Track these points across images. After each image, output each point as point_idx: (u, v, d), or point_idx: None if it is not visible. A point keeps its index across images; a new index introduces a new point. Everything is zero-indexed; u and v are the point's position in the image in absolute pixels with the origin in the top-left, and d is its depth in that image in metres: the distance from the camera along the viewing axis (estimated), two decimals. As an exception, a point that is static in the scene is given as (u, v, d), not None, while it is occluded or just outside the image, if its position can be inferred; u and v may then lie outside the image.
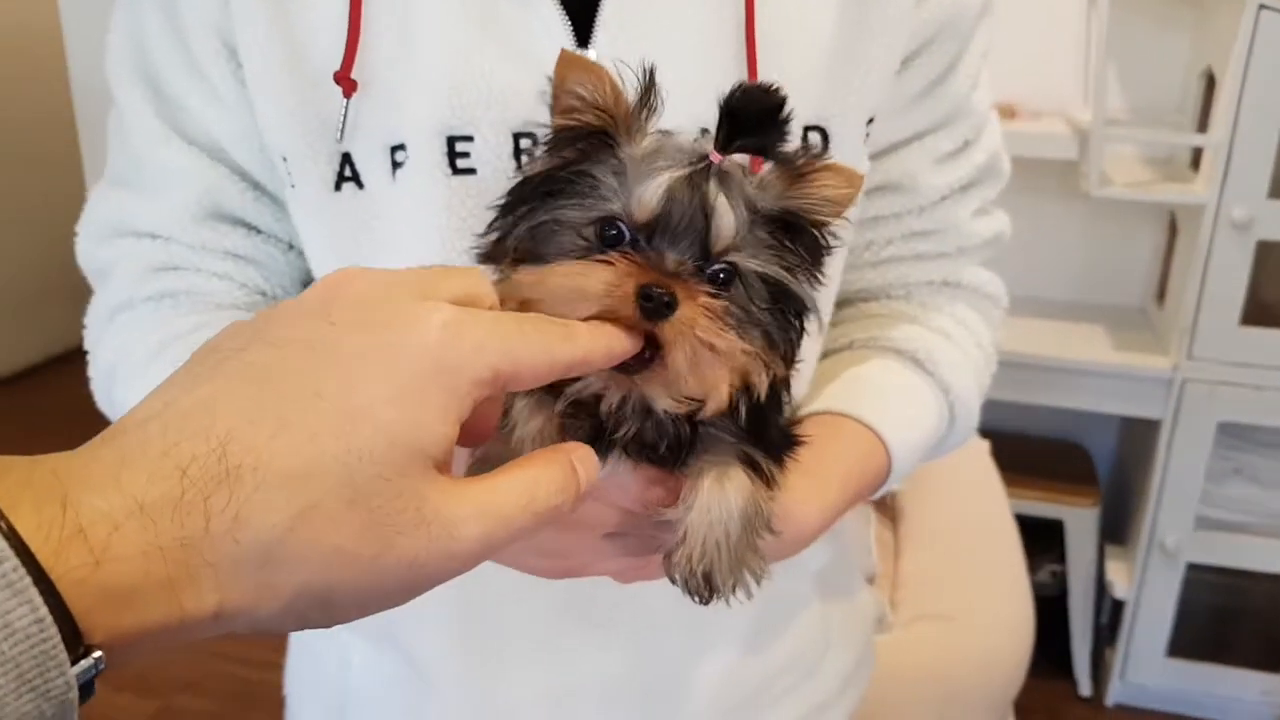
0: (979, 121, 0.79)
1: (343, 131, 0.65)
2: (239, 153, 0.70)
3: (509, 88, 0.63)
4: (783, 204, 0.49)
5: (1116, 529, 2.42)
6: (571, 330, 0.43)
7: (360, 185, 0.67)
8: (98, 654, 0.32)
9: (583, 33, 0.64)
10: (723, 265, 0.48)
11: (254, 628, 0.36)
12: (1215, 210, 1.99)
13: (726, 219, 0.47)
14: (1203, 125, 2.14)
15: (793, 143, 0.49)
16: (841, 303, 0.81)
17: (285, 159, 0.67)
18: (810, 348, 0.74)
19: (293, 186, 0.68)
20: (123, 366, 0.72)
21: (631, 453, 0.52)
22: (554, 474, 0.41)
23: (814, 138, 0.69)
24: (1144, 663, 2.31)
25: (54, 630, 0.31)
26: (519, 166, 0.64)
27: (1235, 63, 1.91)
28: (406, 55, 0.64)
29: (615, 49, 0.64)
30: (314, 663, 0.86)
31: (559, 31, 0.64)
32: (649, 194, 0.47)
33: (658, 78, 0.49)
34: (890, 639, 1.38)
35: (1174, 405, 2.12)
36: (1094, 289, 2.43)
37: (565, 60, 0.50)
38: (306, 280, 0.76)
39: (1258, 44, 1.89)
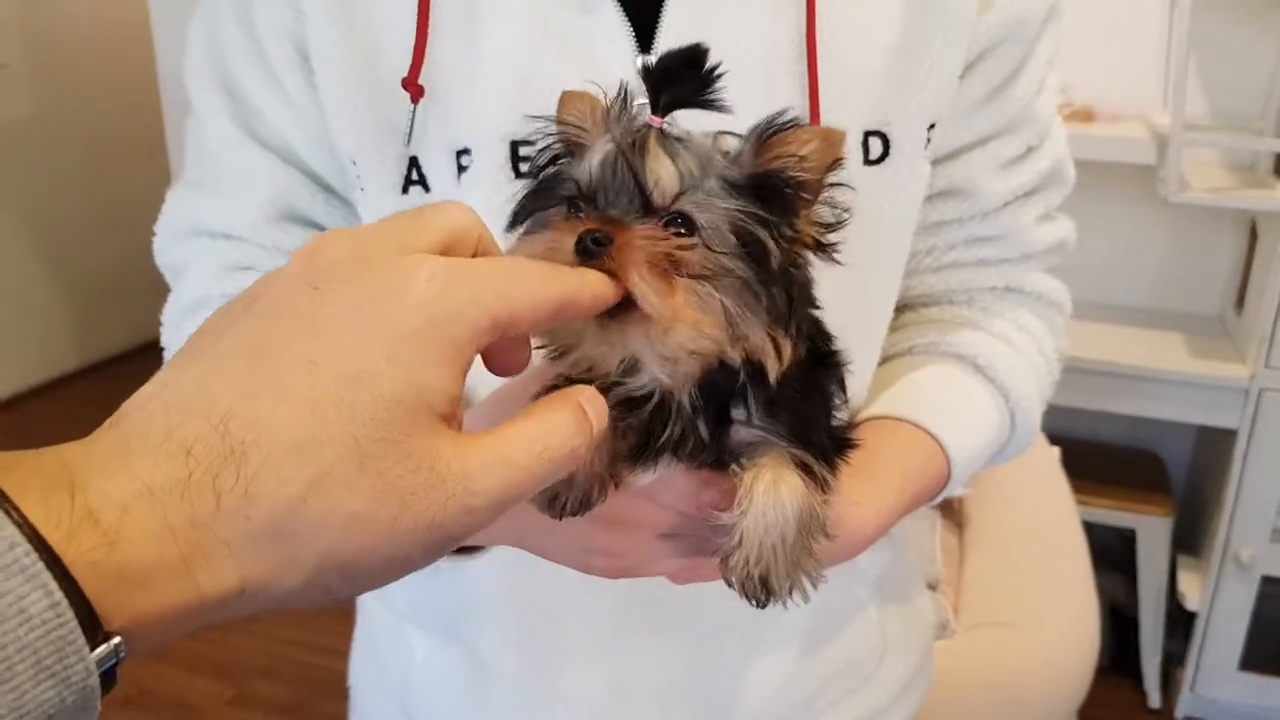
0: (1043, 128, 0.79)
1: (410, 136, 0.67)
2: (310, 156, 0.73)
3: None
4: (753, 170, 0.49)
5: (1189, 539, 2.37)
6: (558, 270, 0.43)
7: (426, 188, 0.69)
8: (116, 639, 0.32)
9: (644, 39, 0.66)
10: (674, 215, 0.48)
11: (280, 602, 0.35)
12: (1298, 216, 1.94)
13: (663, 169, 0.47)
14: (1286, 130, 2.09)
15: (731, 104, 0.48)
16: (902, 307, 0.81)
17: (355, 162, 0.70)
18: (862, 356, 0.74)
19: (362, 190, 0.71)
20: None
21: (681, 456, 0.54)
22: (565, 418, 0.40)
23: (874, 143, 0.69)
24: (1215, 676, 2.26)
25: (70, 615, 0.30)
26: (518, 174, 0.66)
27: (1321, 65, 1.86)
28: (473, 62, 0.66)
29: None
30: (377, 656, 0.89)
31: (621, 38, 0.66)
32: (589, 162, 0.49)
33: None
34: (952, 645, 1.37)
35: (1251, 414, 2.07)
36: (1171, 296, 2.38)
37: (564, 98, 0.52)
38: None
39: (1345, 46, 1.84)
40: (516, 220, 0.53)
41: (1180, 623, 2.34)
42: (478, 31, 0.66)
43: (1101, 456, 2.42)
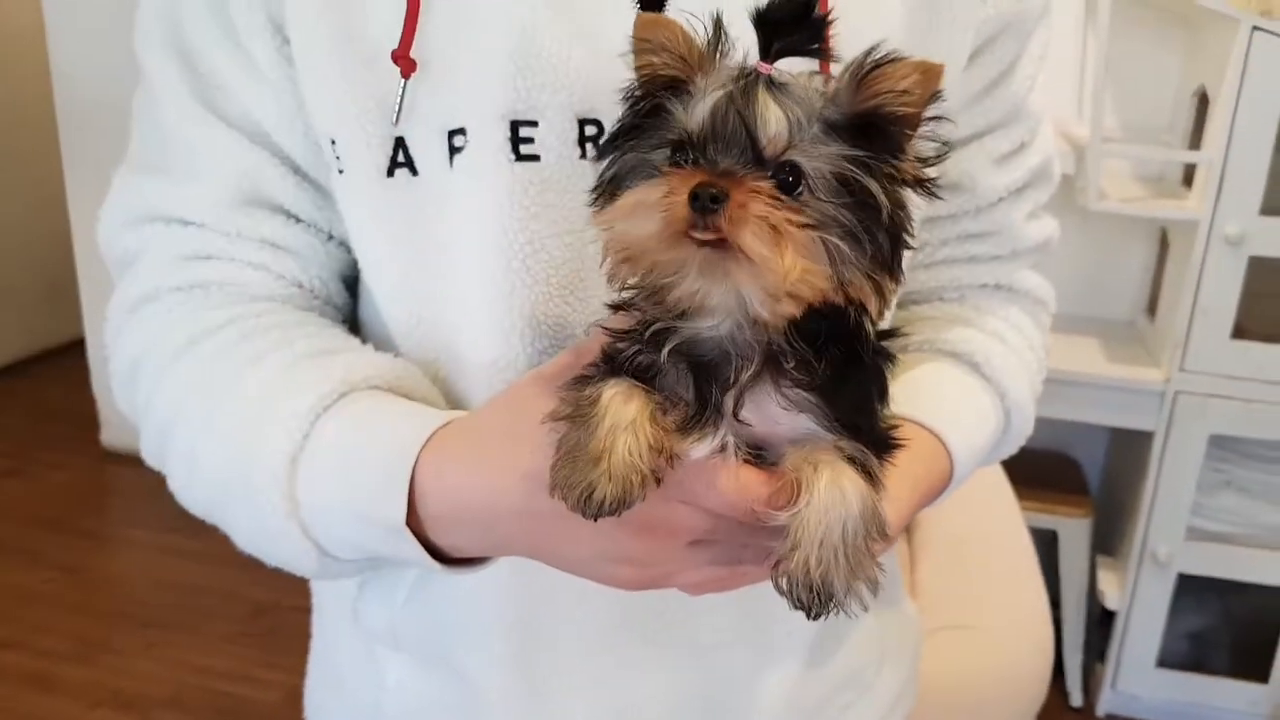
0: (1035, 124, 0.79)
1: (399, 114, 0.63)
2: (281, 135, 0.67)
3: (577, 70, 0.62)
4: (854, 109, 0.48)
5: (1106, 540, 2.44)
6: None
7: (414, 172, 0.64)
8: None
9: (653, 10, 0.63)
10: (783, 165, 0.47)
11: None
12: (1209, 226, 2.02)
13: (773, 118, 0.47)
14: (1194, 143, 2.17)
15: (841, 46, 0.49)
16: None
17: (334, 142, 0.64)
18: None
19: (340, 172, 0.65)
20: (147, 363, 0.68)
21: (733, 438, 0.51)
22: None
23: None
24: (1134, 673, 2.32)
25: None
26: (583, 154, 0.63)
27: (1229, 82, 1.94)
28: (469, 34, 0.62)
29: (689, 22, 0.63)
30: (340, 681, 0.82)
31: (627, 10, 0.62)
32: (699, 110, 0.48)
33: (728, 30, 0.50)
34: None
35: (1166, 417, 2.14)
36: (1085, 302, 2.45)
37: (642, 21, 0.51)
38: (346, 272, 0.73)
39: (1251, 63, 1.92)
40: (612, 153, 0.52)
41: (1101, 621, 2.41)
42: (475, 0, 0.62)
43: (1020, 460, 2.44)
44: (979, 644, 1.39)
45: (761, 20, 0.48)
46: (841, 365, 0.51)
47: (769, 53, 0.48)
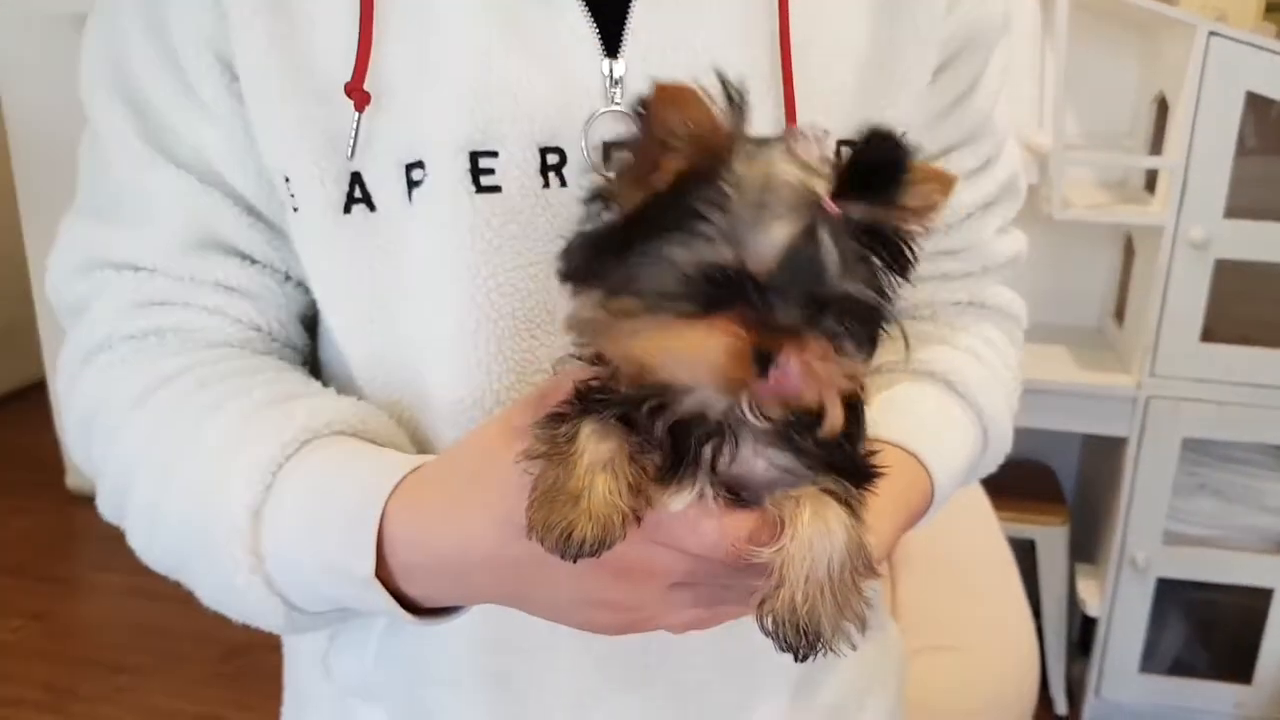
0: (1000, 138, 0.78)
1: (354, 149, 0.61)
2: (233, 175, 0.65)
3: (534, 100, 0.60)
4: (872, 216, 0.47)
5: (1084, 547, 2.44)
6: None
7: (372, 207, 0.62)
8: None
9: (611, 40, 0.62)
10: (828, 304, 0.46)
11: None
12: (1174, 231, 2.03)
13: (834, 269, 0.45)
14: (1155, 148, 2.19)
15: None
16: None
17: (288, 180, 0.63)
18: None
19: (295, 210, 0.63)
20: (103, 415, 0.65)
21: (710, 487, 0.49)
22: None
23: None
24: (1118, 679, 2.32)
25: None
26: (545, 184, 0.61)
27: (1188, 87, 1.96)
28: (424, 64, 0.60)
29: (646, 58, 0.61)
30: None
31: (587, 38, 0.61)
32: (765, 247, 0.44)
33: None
34: (895, 670, 1.35)
35: (1139, 423, 2.15)
36: (1052, 309, 2.46)
37: (662, 96, 0.46)
38: (305, 313, 0.71)
39: (1209, 68, 1.94)
40: (605, 240, 0.48)
41: (1083, 629, 2.41)
42: (430, 31, 0.60)
43: (995, 470, 2.46)
44: (963, 664, 1.38)
45: (852, 168, 0.46)
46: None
47: (843, 196, 0.45)
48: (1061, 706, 2.39)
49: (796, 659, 0.48)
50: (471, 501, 0.54)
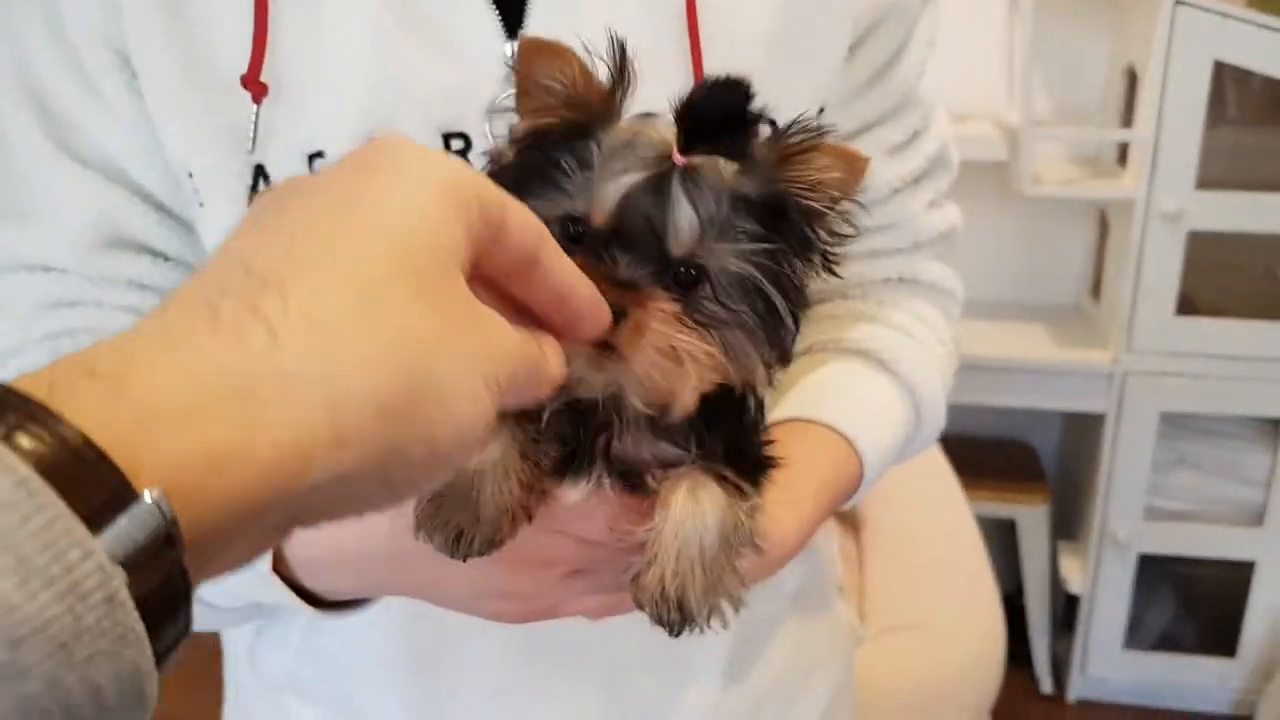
0: (927, 111, 0.77)
1: (255, 141, 0.60)
2: (139, 171, 0.64)
3: (434, 85, 0.60)
4: (769, 188, 0.46)
5: (1066, 525, 2.44)
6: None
7: None
8: (150, 497, 0.24)
9: (512, 23, 0.61)
10: (687, 267, 0.45)
11: (353, 484, 0.30)
12: (1146, 204, 2.02)
13: (686, 223, 0.45)
14: (1126, 121, 2.17)
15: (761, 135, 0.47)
16: None
17: (191, 175, 0.62)
18: None
19: (201, 205, 0.63)
20: None
21: (603, 477, 0.49)
22: (532, 345, 0.38)
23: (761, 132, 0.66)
24: (1102, 656, 2.31)
25: (48, 495, 0.22)
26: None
27: (1156, 59, 1.94)
28: (321, 53, 0.60)
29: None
30: None
31: (487, 22, 0.60)
32: (607, 198, 0.45)
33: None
34: (863, 653, 1.34)
35: (1116, 398, 2.14)
36: (1027, 288, 2.45)
37: (530, 47, 0.47)
38: None
39: (1176, 39, 1.92)
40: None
41: (1066, 607, 2.40)
42: (324, 19, 0.59)
43: (975, 450, 2.45)
44: (928, 643, 1.37)
45: (688, 114, 0.45)
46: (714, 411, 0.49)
47: (690, 147, 0.45)
48: (1047, 685, 2.39)
49: (670, 634, 0.48)
50: None
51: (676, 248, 0.45)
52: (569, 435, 0.49)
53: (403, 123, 0.59)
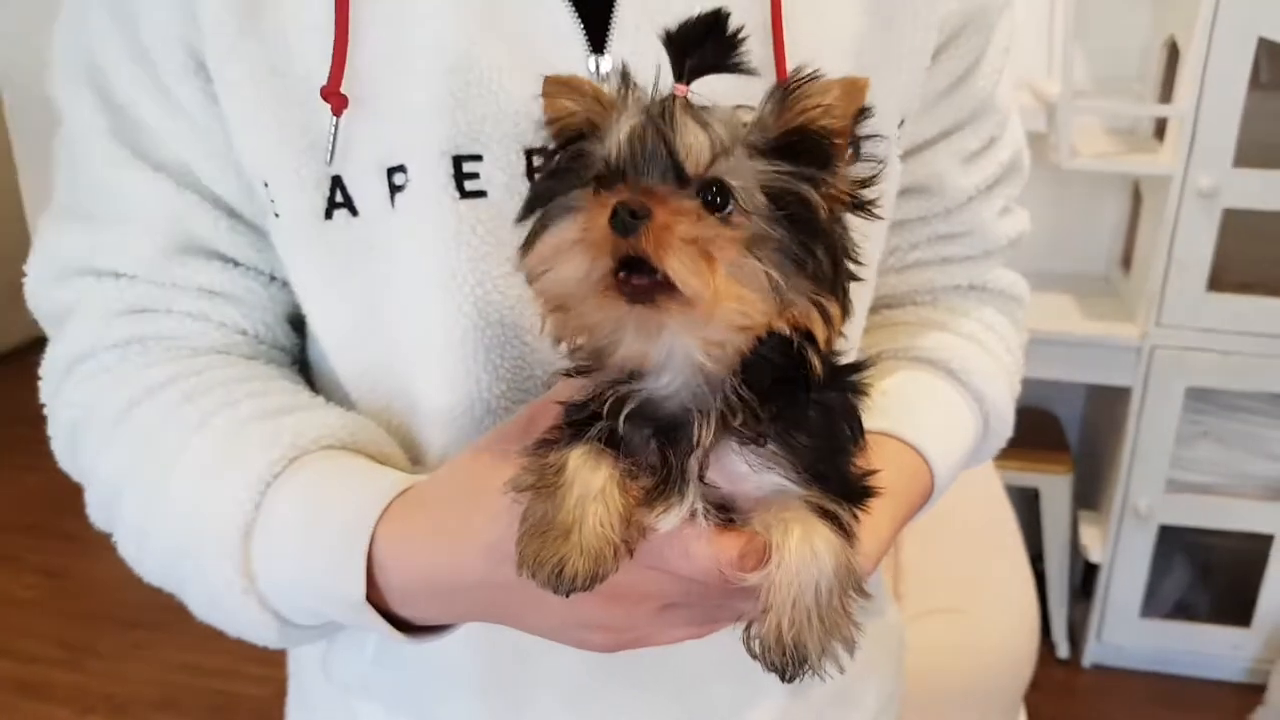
0: (1003, 118, 0.76)
1: (332, 153, 0.59)
2: (211, 177, 0.63)
3: (520, 101, 0.58)
4: (779, 131, 0.46)
5: (1088, 495, 2.46)
6: None
7: (354, 212, 0.60)
8: None
9: (597, 37, 0.60)
10: (708, 183, 0.45)
11: None
12: (1182, 179, 2.01)
13: (694, 136, 0.45)
14: (1165, 95, 2.15)
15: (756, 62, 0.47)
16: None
17: (266, 184, 0.61)
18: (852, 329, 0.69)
19: (276, 216, 0.62)
20: (87, 428, 0.64)
21: (702, 507, 0.49)
22: None
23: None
24: (1118, 623, 2.35)
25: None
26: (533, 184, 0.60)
27: (1199, 33, 1.91)
28: (403, 66, 0.58)
29: (632, 52, 0.59)
30: None
31: (572, 37, 0.59)
32: (616, 137, 0.46)
33: (632, 73, 0.48)
34: (900, 637, 1.36)
35: (1144, 372, 2.14)
36: (1059, 258, 2.44)
37: (550, 84, 0.49)
38: (292, 313, 0.69)
39: (1221, 13, 1.90)
40: (534, 205, 0.49)
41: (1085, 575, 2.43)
42: (407, 31, 0.58)
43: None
44: (966, 628, 1.39)
45: (671, 41, 0.46)
46: (803, 411, 0.49)
47: (683, 74, 0.46)
48: (1063, 650, 2.43)
49: (784, 680, 0.48)
50: (461, 529, 0.54)
51: (691, 161, 0.45)
52: (658, 464, 0.48)
53: (486, 138, 0.59)
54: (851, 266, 0.49)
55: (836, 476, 0.50)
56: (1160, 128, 2.15)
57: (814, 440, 0.49)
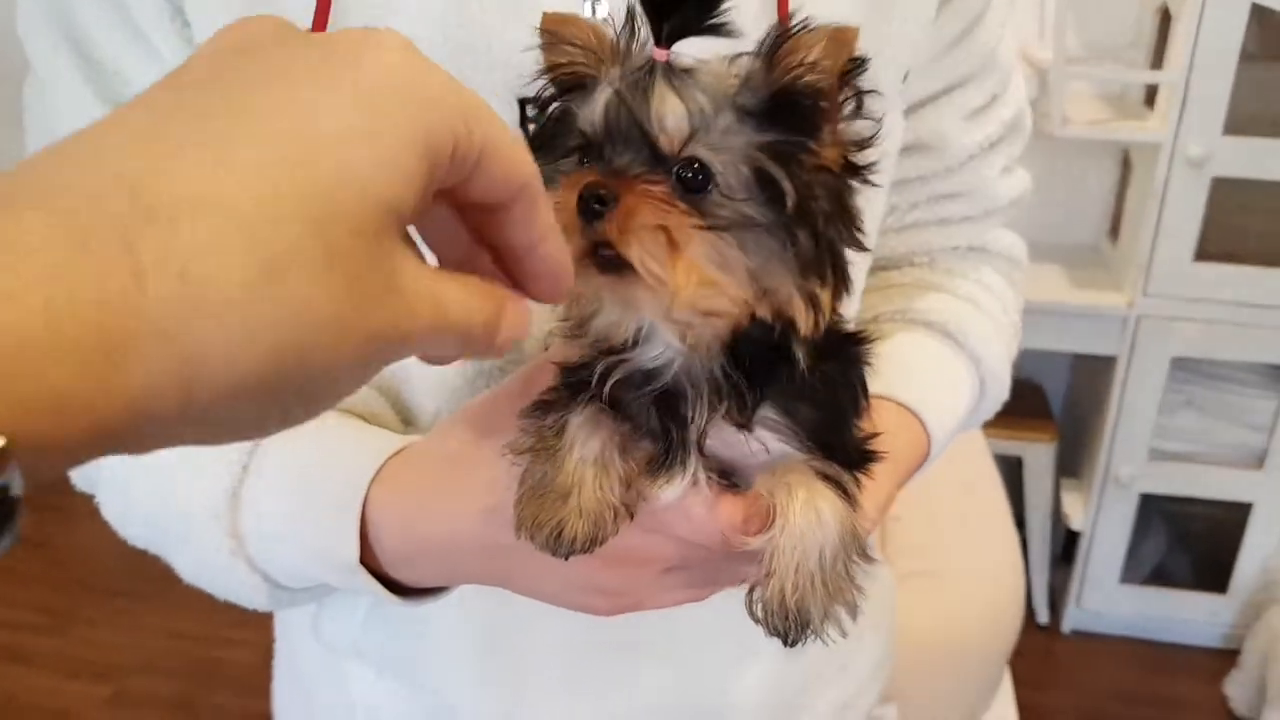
0: (1005, 74, 0.75)
1: None
2: None
3: (513, 49, 0.56)
4: (768, 90, 0.44)
5: (1070, 463, 2.47)
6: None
7: None
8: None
9: None
10: (686, 161, 0.43)
11: (223, 425, 0.29)
12: (1171, 148, 2.00)
13: (670, 110, 0.43)
14: (1157, 60, 2.14)
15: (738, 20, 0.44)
16: None
17: None
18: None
19: None
20: None
21: (698, 474, 0.48)
22: (487, 307, 0.34)
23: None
24: (1098, 589, 2.37)
25: None
26: (527, 136, 0.59)
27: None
28: (389, 15, 0.56)
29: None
30: (308, 694, 0.79)
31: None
32: (593, 107, 0.44)
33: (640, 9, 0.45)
34: (885, 596, 1.37)
35: (1129, 342, 2.15)
36: (1046, 226, 2.43)
37: (548, 19, 0.47)
38: None
39: (1214, -21, 1.88)
40: None
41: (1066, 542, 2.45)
42: None
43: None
44: (952, 591, 1.40)
45: (649, 2, 0.44)
46: (806, 383, 0.48)
47: (661, 37, 0.44)
48: (1043, 616, 2.45)
49: (786, 644, 0.47)
50: (459, 490, 0.53)
51: (665, 140, 0.43)
52: (659, 432, 0.48)
53: (478, 86, 0.57)
54: (850, 242, 0.46)
55: (839, 444, 0.50)
56: (1151, 94, 2.15)
57: (817, 411, 0.49)
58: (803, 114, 0.44)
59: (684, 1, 0.43)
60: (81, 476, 0.64)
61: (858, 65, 0.44)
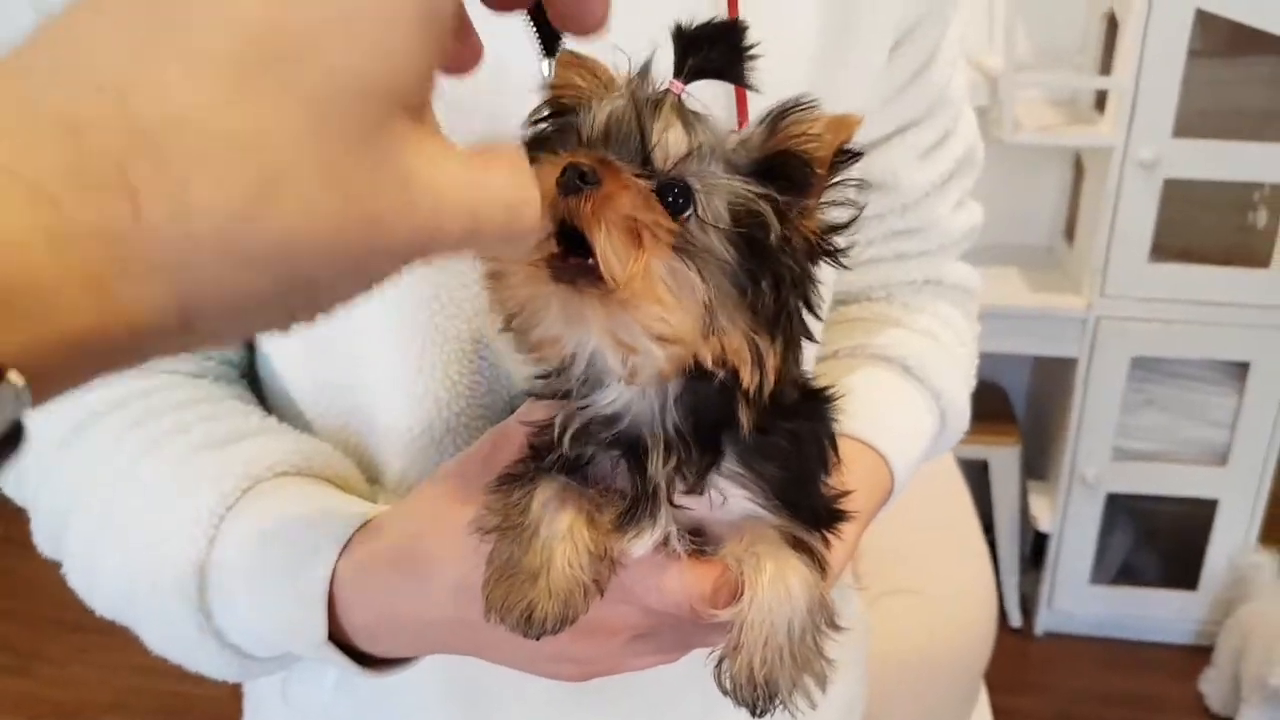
0: (956, 110, 0.76)
1: None
2: None
3: (472, 105, 0.56)
4: (762, 153, 0.44)
5: (1036, 465, 2.49)
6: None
7: None
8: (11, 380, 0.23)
9: (551, 39, 0.58)
10: (672, 179, 0.43)
11: (233, 332, 0.28)
12: (1123, 151, 2.03)
13: (671, 131, 0.43)
14: (1105, 66, 2.17)
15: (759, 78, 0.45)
16: None
17: None
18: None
19: None
20: (27, 453, 0.62)
21: (675, 531, 0.47)
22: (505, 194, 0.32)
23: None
24: (1069, 590, 2.40)
25: None
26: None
27: (1138, 5, 1.93)
28: None
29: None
30: None
31: (522, 40, 0.57)
32: (598, 114, 0.44)
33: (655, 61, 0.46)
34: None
35: (1089, 343, 2.17)
36: (1002, 230, 2.45)
37: (564, 56, 0.47)
38: None
39: (1158, -15, 1.91)
40: None
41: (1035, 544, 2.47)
42: None
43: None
44: (925, 608, 1.40)
45: (680, 36, 0.44)
46: (773, 440, 0.47)
47: (683, 71, 0.44)
48: (1015, 619, 2.47)
49: (754, 714, 0.47)
50: (427, 567, 0.52)
51: (659, 154, 0.43)
52: (628, 488, 0.47)
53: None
54: (805, 319, 0.46)
55: (807, 503, 0.49)
56: (1101, 99, 2.17)
57: (784, 469, 0.48)
58: (793, 177, 0.44)
59: (716, 43, 0.44)
60: (47, 546, 0.63)
61: (851, 156, 0.45)
